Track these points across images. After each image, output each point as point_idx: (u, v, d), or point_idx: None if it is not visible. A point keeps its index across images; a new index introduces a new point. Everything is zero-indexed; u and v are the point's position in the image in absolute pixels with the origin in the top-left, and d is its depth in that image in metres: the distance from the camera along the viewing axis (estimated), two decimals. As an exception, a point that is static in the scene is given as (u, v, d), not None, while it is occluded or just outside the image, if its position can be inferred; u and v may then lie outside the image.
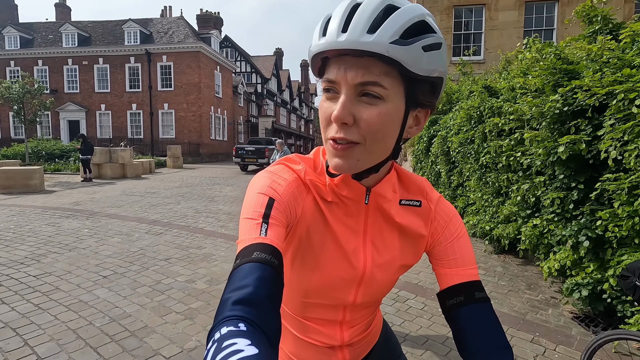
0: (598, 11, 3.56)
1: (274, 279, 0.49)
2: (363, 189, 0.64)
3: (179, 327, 2.75)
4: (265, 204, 0.57)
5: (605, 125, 2.68)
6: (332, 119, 0.54)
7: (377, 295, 0.73)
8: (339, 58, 0.54)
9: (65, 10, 29.32)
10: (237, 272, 0.49)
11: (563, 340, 2.66)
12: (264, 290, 0.46)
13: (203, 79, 24.57)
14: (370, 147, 0.56)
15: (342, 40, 0.51)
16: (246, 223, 0.56)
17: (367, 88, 0.53)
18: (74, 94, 25.51)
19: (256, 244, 0.52)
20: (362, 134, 0.54)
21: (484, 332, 0.61)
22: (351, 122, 0.54)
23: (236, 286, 0.46)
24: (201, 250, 4.69)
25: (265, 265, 0.49)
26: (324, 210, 0.65)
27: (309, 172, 0.65)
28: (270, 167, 0.66)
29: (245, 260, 0.50)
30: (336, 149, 0.56)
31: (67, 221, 6.18)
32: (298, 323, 0.74)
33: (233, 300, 0.44)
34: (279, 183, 0.61)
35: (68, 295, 3.26)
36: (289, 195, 0.61)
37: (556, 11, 11.63)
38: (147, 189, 10.42)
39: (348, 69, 0.53)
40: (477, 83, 5.88)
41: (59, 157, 17.25)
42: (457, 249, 0.68)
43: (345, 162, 0.56)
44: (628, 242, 2.64)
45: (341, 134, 0.55)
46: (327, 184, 0.64)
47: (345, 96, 0.54)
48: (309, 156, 0.69)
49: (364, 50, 0.51)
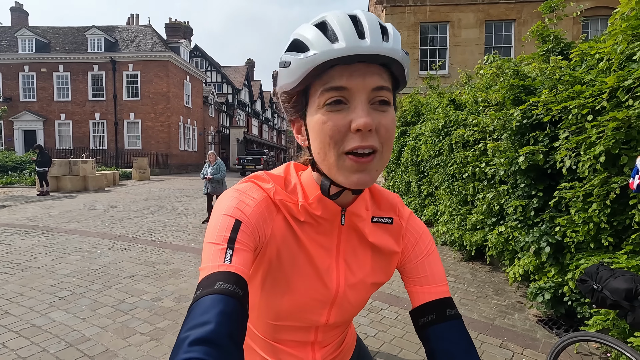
0: (550, 31, 3.84)
1: (238, 312, 0.46)
2: (338, 208, 0.62)
3: (144, 349, 2.60)
4: (231, 227, 0.54)
5: (561, 137, 2.86)
6: (359, 127, 0.51)
7: (350, 315, 0.71)
8: (349, 65, 0.52)
9: (22, 15, 27.80)
10: (196, 305, 0.45)
11: (529, 343, 2.75)
12: (225, 328, 0.43)
13: (172, 89, 23.98)
14: (384, 155, 0.55)
15: (367, 45, 0.50)
16: (210, 248, 0.53)
17: (381, 93, 0.53)
18: (30, 103, 24.06)
19: (219, 273, 0.49)
20: (380, 141, 0.53)
21: (456, 352, 0.61)
22: (374, 130, 0.53)
23: (195, 323, 0.43)
24: (169, 266, 4.50)
25: (228, 297, 0.46)
26: (296, 229, 0.63)
27: (278, 191, 0.62)
28: (238, 185, 0.63)
29: (206, 291, 0.47)
30: (360, 162, 0.52)
31: (20, 238, 5.74)
32: (268, 346, 0.71)
33: (191, 339, 0.41)
34: (246, 203, 0.58)
35: (19, 319, 3.00)
36: (258, 216, 0.58)
37: (513, 30, 12.45)
38: (111, 202, 9.92)
39: (363, 74, 0.52)
40: (443, 97, 6.13)
41: (12, 170, 16.08)
42: (428, 266, 0.68)
43: (369, 175, 0.54)
44: (584, 247, 2.80)
45: (368, 141, 0.52)
46: (300, 205, 0.62)
47: (364, 102, 0.52)
48: (278, 174, 0.66)
49: (381, 56, 0.51)
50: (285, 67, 0.55)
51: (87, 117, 23.98)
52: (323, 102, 0.53)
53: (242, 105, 37.71)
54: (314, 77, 0.53)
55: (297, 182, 0.64)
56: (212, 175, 7.05)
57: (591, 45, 2.90)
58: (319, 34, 0.52)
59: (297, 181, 0.64)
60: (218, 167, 7.17)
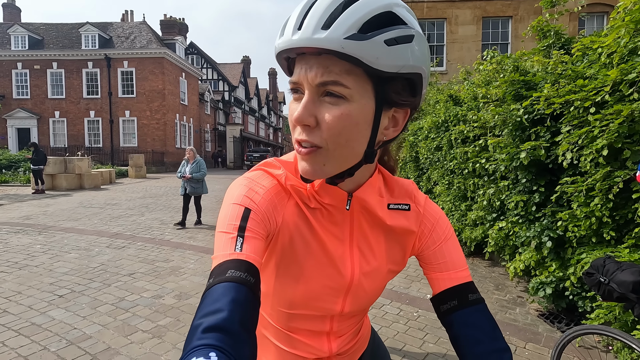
0: (551, 26, 3.84)
1: (250, 299, 0.46)
2: (344, 194, 0.61)
3: (146, 346, 2.58)
4: (241, 215, 0.54)
5: (563, 131, 2.86)
6: (294, 120, 0.51)
7: (365, 304, 0.70)
8: (301, 57, 0.51)
9: (14, 11, 27.41)
10: (209, 293, 0.46)
11: (531, 337, 2.77)
12: (237, 315, 0.43)
13: (167, 86, 23.80)
14: (334, 152, 0.52)
15: (296, 38, 0.48)
16: (220, 237, 0.53)
17: (328, 88, 0.50)
18: (23, 100, 23.79)
19: (230, 261, 0.49)
20: (324, 137, 0.51)
21: (481, 336, 0.60)
22: (313, 124, 0.51)
23: (208, 310, 0.43)
24: (168, 264, 4.47)
25: (239, 285, 0.46)
26: (308, 216, 0.61)
27: (290, 177, 0.61)
28: (248, 172, 0.62)
29: (218, 279, 0.47)
30: (300, 152, 0.53)
31: (17, 237, 5.67)
32: (283, 335, 0.70)
33: (204, 327, 0.41)
34: (256, 191, 0.57)
35: (18, 318, 2.96)
36: (268, 203, 0.57)
37: (510, 27, 12.47)
38: (107, 200, 9.84)
39: (308, 68, 0.50)
40: (443, 92, 6.12)
41: (6, 168, 15.91)
42: (446, 252, 0.67)
43: (311, 167, 0.53)
44: (586, 241, 2.81)
45: (304, 136, 0.52)
46: (308, 190, 0.61)
47: (307, 97, 0.51)
48: (289, 160, 0.64)
49: (320, 48, 0.47)
50: None
51: (82, 114, 23.76)
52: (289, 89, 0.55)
53: (239, 102, 37.54)
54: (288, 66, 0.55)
55: None
56: (191, 174, 6.48)
57: (593, 39, 2.90)
58: (280, 27, 0.53)
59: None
60: (198, 165, 6.61)
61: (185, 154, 6.65)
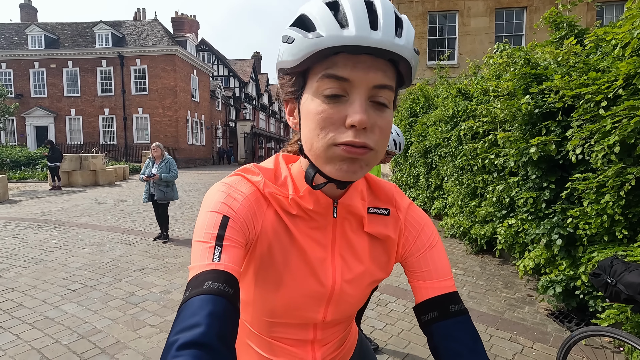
0: (564, 17, 3.71)
1: (228, 312, 0.44)
2: (330, 201, 0.60)
3: (154, 341, 2.63)
4: (219, 223, 0.52)
5: (573, 125, 2.78)
6: (353, 123, 0.48)
7: (348, 312, 0.69)
8: (354, 56, 0.48)
9: (31, 12, 28.04)
10: (185, 307, 0.44)
11: (539, 337, 2.72)
12: (215, 329, 0.42)
13: (179, 83, 24.06)
14: (378, 154, 0.53)
15: (378, 38, 0.46)
16: (198, 247, 0.51)
17: (380, 92, 0.50)
18: (41, 99, 24.39)
19: (208, 272, 0.47)
20: (376, 140, 0.51)
21: (460, 349, 0.57)
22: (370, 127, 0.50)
23: (184, 326, 0.42)
24: (178, 259, 4.54)
25: (217, 297, 0.44)
26: (288, 224, 0.60)
27: (268, 184, 0.59)
28: (226, 178, 0.61)
29: (195, 292, 0.45)
30: (352, 152, 0.50)
31: (33, 232, 5.85)
32: (265, 343, 0.69)
33: (180, 343, 0.40)
34: (234, 198, 0.56)
35: (32, 312, 3.06)
36: (246, 210, 0.56)
37: (524, 18, 12.12)
38: (121, 197, 10.05)
39: (368, 68, 0.48)
40: (452, 87, 6.02)
41: (25, 165, 16.38)
42: (430, 260, 0.65)
43: (359, 166, 0.52)
44: (597, 240, 2.73)
45: (362, 139, 0.49)
46: (291, 198, 0.59)
47: (362, 98, 0.49)
48: (268, 166, 0.63)
49: (389, 52, 0.47)
50: (288, 44, 0.51)
51: (97, 112, 24.24)
52: (322, 89, 0.50)
53: (249, 98, 37.68)
54: (316, 61, 0.49)
55: (287, 175, 0.62)
56: (159, 174, 5.19)
57: (607, 30, 2.79)
58: (328, 14, 0.48)
59: (288, 174, 0.62)
60: (167, 166, 5.33)
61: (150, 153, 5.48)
